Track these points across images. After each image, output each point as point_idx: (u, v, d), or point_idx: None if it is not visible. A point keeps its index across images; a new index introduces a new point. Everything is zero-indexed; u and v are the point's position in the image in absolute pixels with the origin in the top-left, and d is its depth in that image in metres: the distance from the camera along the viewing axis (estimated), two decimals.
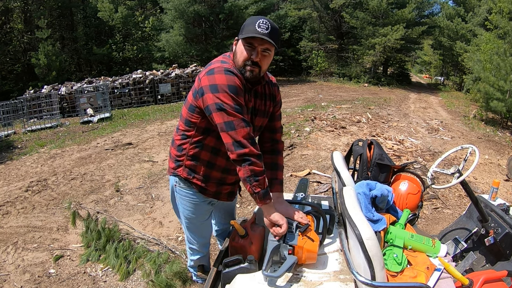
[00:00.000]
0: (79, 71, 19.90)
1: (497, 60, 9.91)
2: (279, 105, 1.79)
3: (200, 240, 1.97)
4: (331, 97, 13.16)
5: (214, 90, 1.43)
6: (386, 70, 23.53)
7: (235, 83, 1.44)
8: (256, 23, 1.45)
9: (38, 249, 3.17)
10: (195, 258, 2.08)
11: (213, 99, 1.42)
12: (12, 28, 18.30)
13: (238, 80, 1.46)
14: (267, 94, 1.69)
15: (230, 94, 1.42)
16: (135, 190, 4.42)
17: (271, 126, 1.79)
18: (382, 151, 2.10)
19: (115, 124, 8.78)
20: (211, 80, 1.44)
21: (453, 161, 5.39)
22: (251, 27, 1.45)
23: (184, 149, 1.67)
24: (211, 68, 1.49)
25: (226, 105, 1.41)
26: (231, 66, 1.49)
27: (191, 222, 1.86)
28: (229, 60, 1.56)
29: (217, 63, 1.51)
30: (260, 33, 1.44)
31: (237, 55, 1.52)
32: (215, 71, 1.46)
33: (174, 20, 17.09)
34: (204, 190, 1.73)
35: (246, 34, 1.46)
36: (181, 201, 1.80)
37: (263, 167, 1.45)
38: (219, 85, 1.42)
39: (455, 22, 21.21)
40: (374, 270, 1.17)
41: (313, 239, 1.47)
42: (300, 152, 5.72)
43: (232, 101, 1.41)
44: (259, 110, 1.66)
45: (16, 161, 6.11)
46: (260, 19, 1.46)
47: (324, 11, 21.15)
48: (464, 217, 2.42)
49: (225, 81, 1.43)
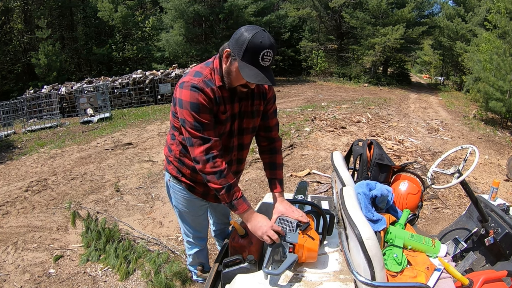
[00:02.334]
0: (79, 71, 19.90)
1: (497, 60, 9.91)
2: (272, 101, 1.74)
3: (195, 233, 2.00)
4: (331, 97, 13.17)
5: (180, 105, 1.47)
6: (386, 70, 23.55)
7: (198, 101, 1.43)
8: (261, 55, 1.35)
9: (38, 249, 3.17)
10: (192, 252, 2.09)
11: (180, 114, 1.48)
12: (12, 28, 18.29)
13: (203, 96, 1.44)
14: (255, 93, 1.64)
15: (191, 112, 1.44)
16: (135, 190, 4.42)
17: (265, 125, 1.76)
18: (382, 151, 2.10)
19: (115, 124, 8.78)
20: (179, 94, 1.47)
21: (453, 161, 5.40)
22: (254, 56, 1.36)
23: (172, 150, 1.74)
24: (183, 80, 1.49)
25: (187, 122, 1.46)
26: (200, 81, 1.45)
27: (184, 215, 1.92)
28: (205, 70, 1.50)
29: (191, 75, 1.49)
30: (264, 74, 1.37)
31: (232, 77, 1.47)
32: (184, 85, 1.46)
33: (174, 20, 17.10)
34: (193, 189, 1.78)
35: (247, 72, 1.38)
36: (174, 195, 1.86)
37: (221, 184, 1.46)
38: (183, 101, 1.45)
39: (455, 22, 21.21)
40: (374, 270, 1.17)
41: (313, 238, 1.47)
42: (300, 152, 5.72)
43: (192, 118, 1.44)
44: (245, 112, 1.63)
45: (16, 161, 6.11)
46: (266, 49, 1.35)
47: (324, 11, 21.16)
48: (464, 217, 2.42)
49: (188, 98, 1.44)
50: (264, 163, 1.80)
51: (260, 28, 1.38)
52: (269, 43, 1.35)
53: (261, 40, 1.34)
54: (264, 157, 1.79)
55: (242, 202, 1.50)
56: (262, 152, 1.81)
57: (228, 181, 1.47)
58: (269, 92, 1.70)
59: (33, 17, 17.74)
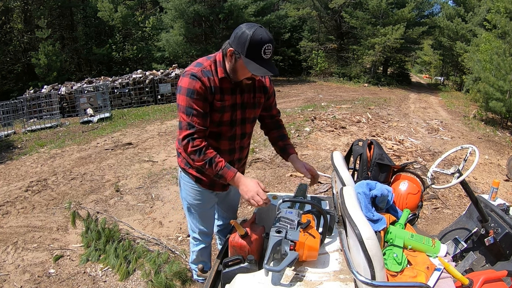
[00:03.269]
0: (79, 71, 19.90)
1: (497, 60, 9.91)
2: (273, 95, 1.94)
3: (202, 228, 2.03)
4: (331, 97, 13.17)
5: (179, 91, 1.61)
6: (386, 70, 23.55)
7: (194, 88, 1.56)
8: (262, 49, 1.48)
9: (38, 249, 3.17)
10: (197, 249, 2.11)
11: (177, 99, 1.62)
12: (12, 28, 18.28)
13: (199, 84, 1.56)
14: (257, 87, 1.79)
15: (186, 98, 1.57)
16: (135, 190, 4.42)
17: (270, 115, 1.98)
18: (382, 151, 2.10)
19: (115, 124, 8.78)
20: (180, 82, 1.61)
21: (453, 161, 5.40)
22: (257, 51, 1.49)
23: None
24: (185, 70, 1.63)
25: (180, 107, 1.59)
26: (199, 71, 1.58)
27: (192, 208, 1.97)
28: (206, 61, 1.63)
29: (193, 65, 1.63)
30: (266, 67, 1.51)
31: (238, 73, 1.60)
32: (185, 74, 1.60)
33: (174, 19, 17.09)
34: (200, 180, 1.85)
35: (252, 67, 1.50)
36: (184, 187, 1.94)
37: (203, 159, 1.59)
38: (182, 87, 1.59)
39: (455, 22, 21.19)
40: (374, 270, 1.17)
41: (314, 236, 1.47)
42: (300, 152, 5.72)
43: (185, 103, 1.57)
44: (248, 103, 1.76)
45: (16, 161, 6.11)
46: (266, 43, 1.48)
47: (324, 11, 21.17)
48: (464, 217, 2.42)
49: (186, 85, 1.57)
50: (274, 137, 1.98)
51: (257, 25, 1.51)
52: (268, 37, 1.49)
53: (261, 36, 1.48)
54: (273, 132, 1.99)
55: (227, 170, 1.61)
56: (270, 129, 2.00)
57: (209, 155, 1.59)
58: (270, 88, 1.87)
59: (33, 17, 17.74)
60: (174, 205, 3.97)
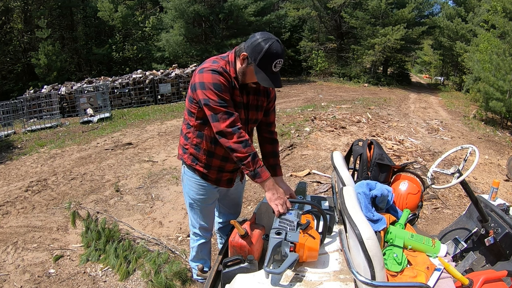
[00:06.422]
0: (79, 71, 19.87)
1: (497, 60, 9.90)
2: (273, 100, 1.98)
3: (202, 224, 2.05)
4: (331, 97, 13.16)
5: (202, 87, 1.63)
6: (386, 70, 23.53)
7: (219, 81, 1.62)
8: (274, 63, 1.59)
9: (38, 249, 3.17)
10: (197, 244, 2.12)
11: (202, 95, 1.63)
12: (12, 28, 18.27)
13: (223, 78, 1.64)
14: (261, 90, 1.86)
15: (214, 91, 1.61)
16: (135, 190, 4.42)
17: (266, 120, 2.00)
18: (382, 151, 2.10)
19: (115, 124, 8.77)
20: (200, 78, 1.64)
21: (453, 161, 5.40)
22: (268, 63, 1.59)
23: (189, 138, 1.87)
24: (202, 67, 1.68)
25: (211, 101, 1.61)
26: (218, 67, 1.65)
27: (194, 203, 1.99)
28: (221, 61, 1.70)
29: (209, 62, 1.70)
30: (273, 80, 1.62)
31: (247, 76, 1.69)
32: (204, 70, 1.65)
33: (174, 19, 17.08)
34: (206, 176, 1.89)
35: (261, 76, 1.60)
36: (187, 182, 1.96)
37: (247, 152, 1.60)
38: (205, 83, 1.62)
39: (455, 22, 21.18)
40: (374, 270, 1.17)
41: (314, 237, 1.47)
42: (300, 152, 5.72)
43: (216, 96, 1.61)
44: (251, 105, 1.83)
45: (16, 161, 6.11)
46: (278, 58, 1.59)
47: (324, 11, 21.15)
48: (464, 217, 2.42)
49: (210, 80, 1.62)
50: (267, 152, 2.03)
51: (274, 38, 1.60)
52: (281, 53, 1.60)
53: (276, 50, 1.58)
54: (267, 146, 2.03)
55: (264, 170, 1.65)
56: (265, 142, 2.03)
57: (253, 149, 1.62)
58: (272, 92, 1.93)
59: (33, 17, 17.72)
60: (174, 205, 3.97)
